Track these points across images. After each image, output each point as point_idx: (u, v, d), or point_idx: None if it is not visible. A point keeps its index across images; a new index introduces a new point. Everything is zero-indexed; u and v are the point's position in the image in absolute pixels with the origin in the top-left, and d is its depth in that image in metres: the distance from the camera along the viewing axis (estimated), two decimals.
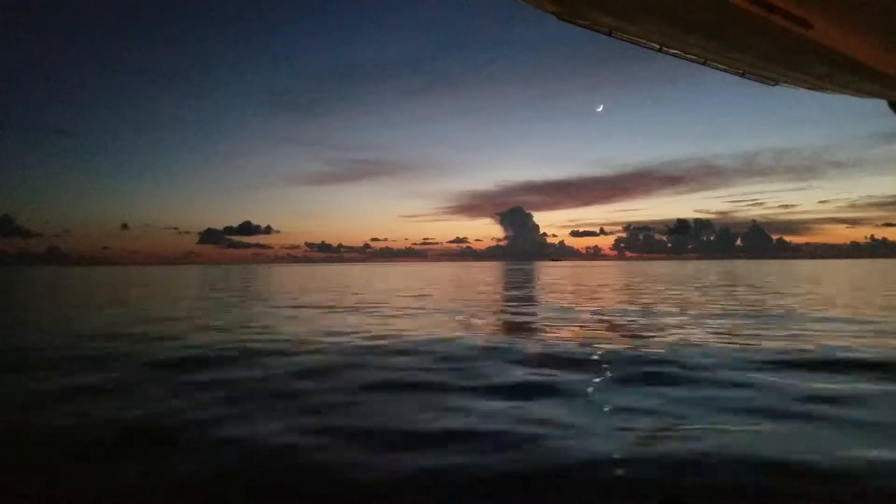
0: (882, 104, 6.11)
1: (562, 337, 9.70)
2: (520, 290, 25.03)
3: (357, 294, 22.78)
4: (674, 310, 14.59)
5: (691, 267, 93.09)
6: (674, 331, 10.38)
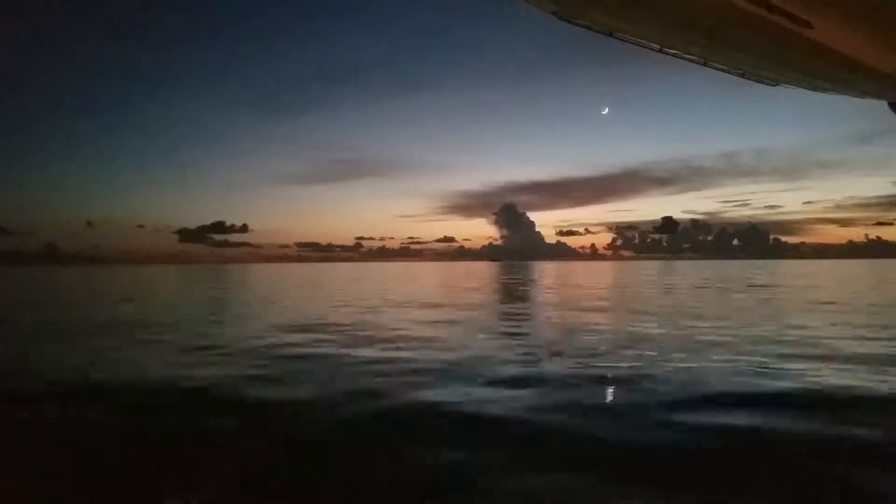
0: (882, 104, 6.08)
1: None
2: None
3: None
4: None
5: (697, 269, 66.38)
6: None
